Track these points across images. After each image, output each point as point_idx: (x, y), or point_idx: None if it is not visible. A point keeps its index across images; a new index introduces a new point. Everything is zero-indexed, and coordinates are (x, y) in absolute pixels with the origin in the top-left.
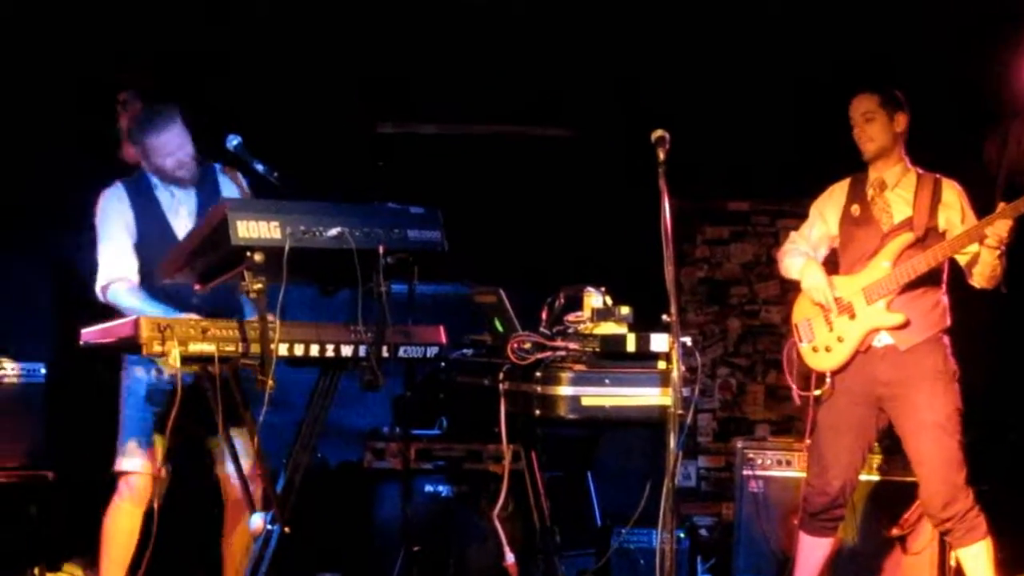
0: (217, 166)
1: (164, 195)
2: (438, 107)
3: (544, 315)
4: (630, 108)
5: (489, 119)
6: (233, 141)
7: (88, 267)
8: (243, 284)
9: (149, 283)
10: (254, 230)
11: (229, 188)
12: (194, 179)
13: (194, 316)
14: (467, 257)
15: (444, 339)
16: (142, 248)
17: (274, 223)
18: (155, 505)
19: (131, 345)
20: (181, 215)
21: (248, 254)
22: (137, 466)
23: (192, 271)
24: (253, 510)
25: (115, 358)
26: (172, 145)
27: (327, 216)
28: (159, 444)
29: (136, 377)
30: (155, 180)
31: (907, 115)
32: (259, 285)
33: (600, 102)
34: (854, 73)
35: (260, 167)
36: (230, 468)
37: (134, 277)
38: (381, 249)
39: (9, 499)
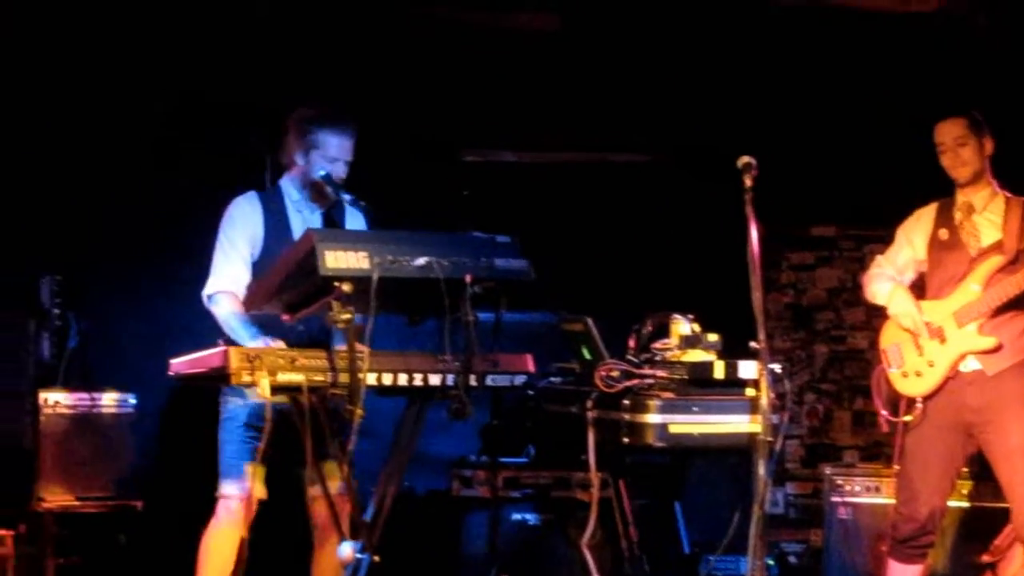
0: (346, 196)
1: (296, 217)
2: (519, 135)
3: (631, 343)
4: (712, 133)
5: (571, 146)
6: (320, 171)
7: (180, 296)
8: (331, 314)
9: (254, 304)
10: (342, 260)
11: (356, 221)
12: (330, 204)
13: (282, 345)
14: (554, 285)
15: (532, 367)
16: (260, 267)
17: (362, 253)
18: (243, 535)
19: (220, 375)
20: None
21: (336, 284)
22: (236, 490)
23: (279, 302)
24: (343, 538)
25: (204, 387)
26: (344, 152)
27: (414, 246)
28: (255, 470)
29: (233, 404)
30: (289, 199)
31: (993, 138)
32: (347, 315)
33: (682, 127)
34: (938, 96)
35: (346, 197)
36: (319, 495)
37: (241, 293)
38: (468, 278)
39: (99, 528)
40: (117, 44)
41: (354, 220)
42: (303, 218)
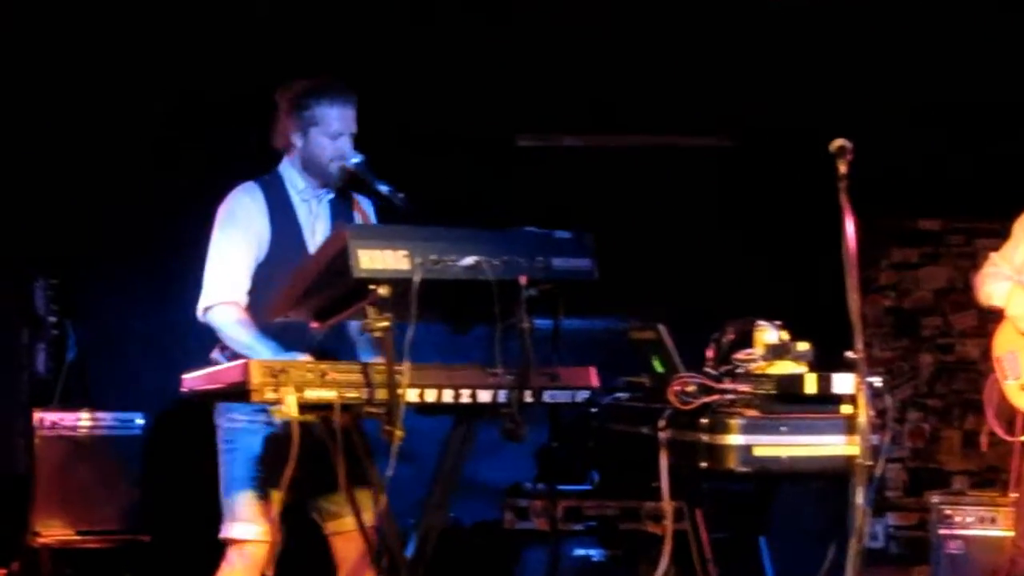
0: (384, 186)
1: (302, 208)
2: (581, 117)
3: (710, 353)
4: (801, 114)
5: (638, 128)
6: (354, 159)
7: (190, 301)
8: (366, 322)
9: (255, 313)
10: (379, 260)
11: (364, 215)
12: (337, 187)
13: (309, 357)
14: (620, 287)
15: (596, 381)
16: (267, 268)
17: (401, 252)
18: (268, 574)
19: (240, 392)
20: (317, 235)
21: (372, 288)
22: (251, 533)
23: (307, 308)
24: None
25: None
26: (347, 124)
27: (461, 243)
28: (274, 503)
29: (241, 428)
30: (292, 187)
31: None
32: (385, 323)
33: (767, 108)
34: None
35: (384, 188)
36: (345, 530)
37: (243, 301)
38: (523, 280)
39: (102, 566)
40: (116, 43)
41: (366, 208)
42: (309, 209)
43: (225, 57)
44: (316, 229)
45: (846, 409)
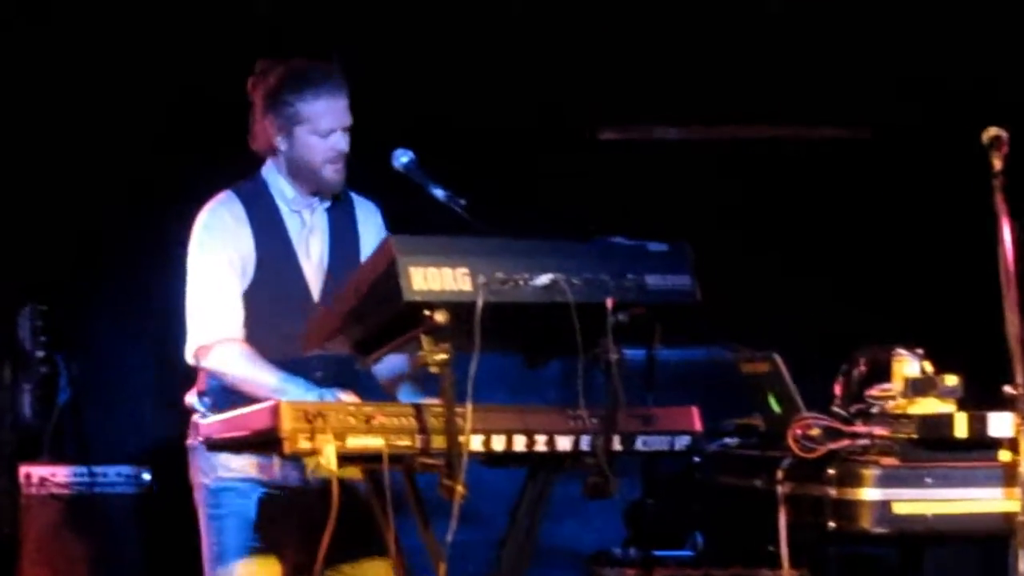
0: (355, 195)
1: (292, 221)
2: (680, 105)
3: (838, 389)
4: (947, 99)
5: (749, 118)
6: (403, 157)
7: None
8: (420, 354)
9: (258, 345)
10: (435, 280)
11: (370, 224)
12: (335, 192)
13: (352, 397)
14: (727, 310)
15: (698, 424)
16: (254, 295)
17: (462, 270)
18: None
19: (268, 440)
20: (313, 251)
21: (427, 313)
22: None
23: (348, 338)
24: None
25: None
26: (339, 118)
27: (533, 258)
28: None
29: (230, 487)
30: (280, 197)
31: None
32: (443, 355)
33: (905, 92)
34: None
35: (440, 193)
36: None
37: (241, 334)
38: (610, 303)
39: None
40: (110, 51)
41: (367, 220)
42: (301, 221)
43: (230, 62)
44: (311, 245)
45: (1004, 456)
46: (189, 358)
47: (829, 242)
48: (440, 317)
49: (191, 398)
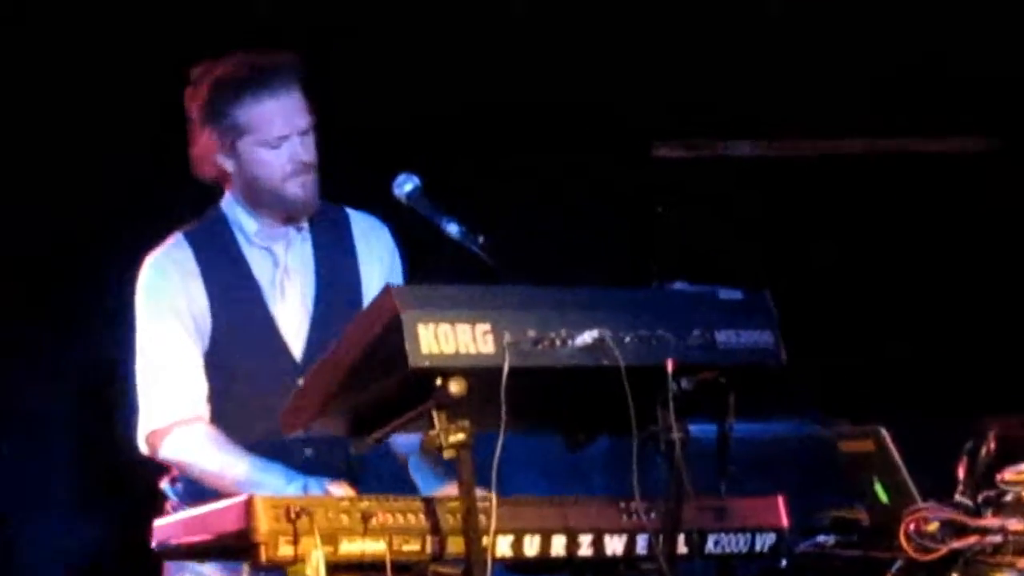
0: (353, 212)
1: (259, 258)
2: (754, 114)
3: (961, 471)
4: None
5: (844, 130)
6: (406, 185)
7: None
8: (431, 435)
9: (225, 425)
10: (449, 340)
11: (377, 257)
12: (308, 214)
13: (346, 490)
14: (818, 371)
15: (784, 519)
16: (218, 356)
17: (482, 327)
18: None
19: (240, 546)
20: (290, 296)
21: (439, 383)
22: None
23: (341, 416)
24: None
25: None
26: (289, 120)
27: (573, 310)
28: None
29: None
30: (240, 231)
31: None
32: (461, 435)
33: None
34: None
35: (453, 228)
36: None
37: (206, 414)
38: (671, 365)
39: None
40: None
41: (370, 246)
42: (272, 259)
43: None
44: (287, 289)
45: None
46: (142, 447)
47: (946, 284)
48: (456, 387)
49: (163, 484)
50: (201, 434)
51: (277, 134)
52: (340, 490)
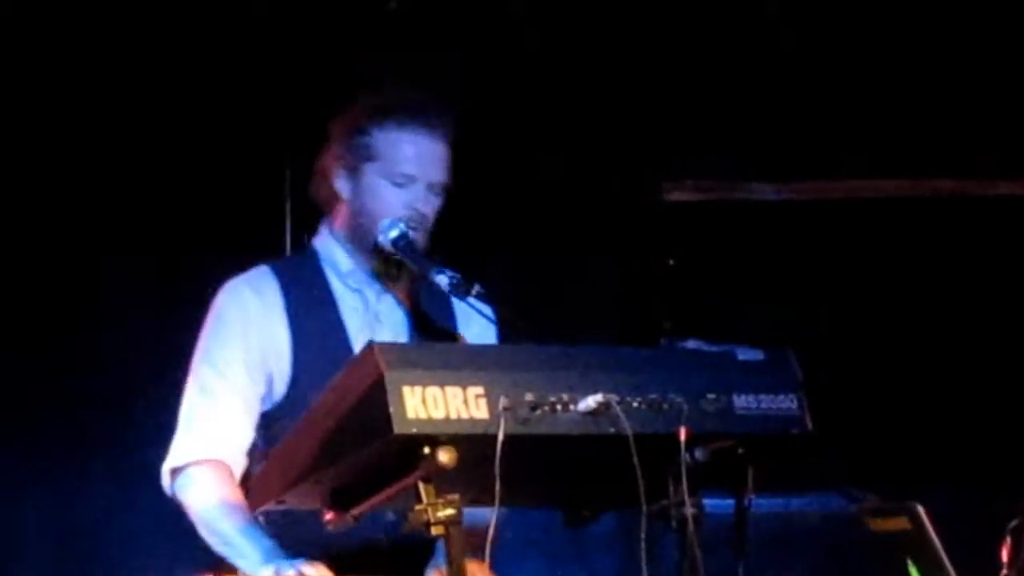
0: (444, 277)
1: (349, 300)
2: (776, 155)
3: (1005, 553)
4: None
5: (879, 170)
6: (391, 231)
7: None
8: (418, 509)
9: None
10: (436, 404)
11: (476, 330)
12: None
13: (322, 568)
14: (847, 441)
15: None
16: (290, 407)
17: (475, 390)
18: None
19: None
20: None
21: (426, 451)
22: None
23: (318, 487)
24: None
25: None
26: (425, 165)
27: (574, 372)
28: None
29: None
30: (333, 267)
31: None
32: (450, 511)
33: None
34: None
35: (442, 279)
36: None
37: (238, 463)
38: (683, 433)
39: None
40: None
41: (470, 317)
42: (364, 302)
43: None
44: (378, 336)
45: None
46: (164, 483)
47: (991, 343)
48: (445, 457)
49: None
50: (212, 479)
51: (405, 171)
52: (313, 572)
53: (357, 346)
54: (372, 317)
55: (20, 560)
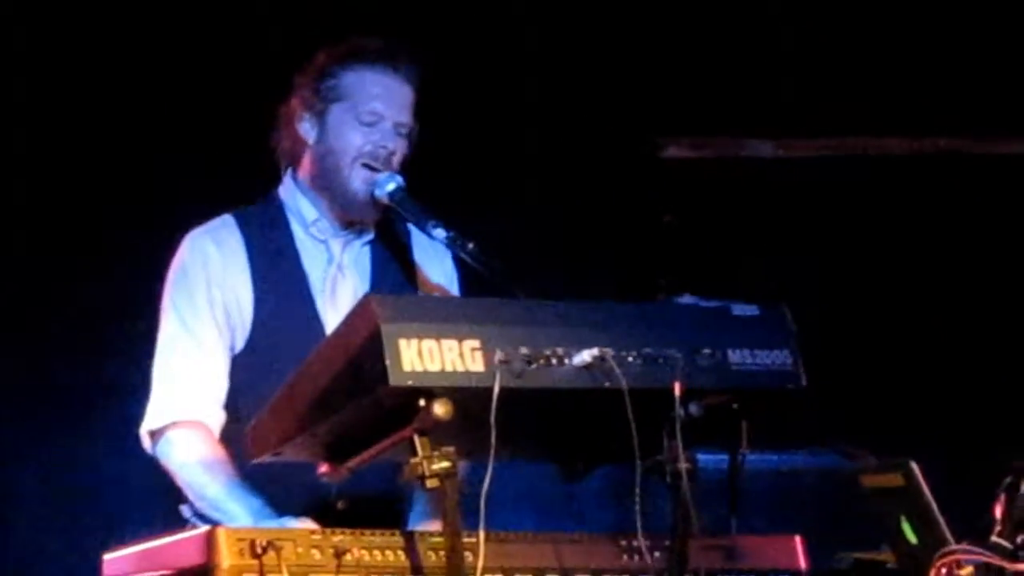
0: (439, 230)
1: (312, 251)
2: (775, 111)
3: (998, 511)
4: None
5: (880, 128)
6: (388, 184)
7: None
8: (413, 462)
9: (236, 440)
10: (433, 357)
11: (436, 280)
12: (363, 218)
13: (310, 523)
14: (841, 397)
15: (803, 560)
16: (253, 353)
17: (471, 343)
18: None
19: None
20: (340, 295)
21: (422, 404)
22: None
23: (310, 442)
24: None
25: None
26: (392, 105)
27: (570, 326)
28: None
29: None
30: (298, 221)
31: None
32: (445, 464)
33: None
34: None
35: (439, 232)
36: None
37: (215, 419)
38: (678, 388)
39: None
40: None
41: (431, 266)
42: (328, 254)
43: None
44: (339, 288)
45: None
46: (145, 444)
47: (991, 301)
48: (440, 410)
49: (184, 509)
50: (193, 441)
51: (373, 109)
52: (308, 524)
53: (318, 296)
54: (335, 269)
55: (19, 521)
